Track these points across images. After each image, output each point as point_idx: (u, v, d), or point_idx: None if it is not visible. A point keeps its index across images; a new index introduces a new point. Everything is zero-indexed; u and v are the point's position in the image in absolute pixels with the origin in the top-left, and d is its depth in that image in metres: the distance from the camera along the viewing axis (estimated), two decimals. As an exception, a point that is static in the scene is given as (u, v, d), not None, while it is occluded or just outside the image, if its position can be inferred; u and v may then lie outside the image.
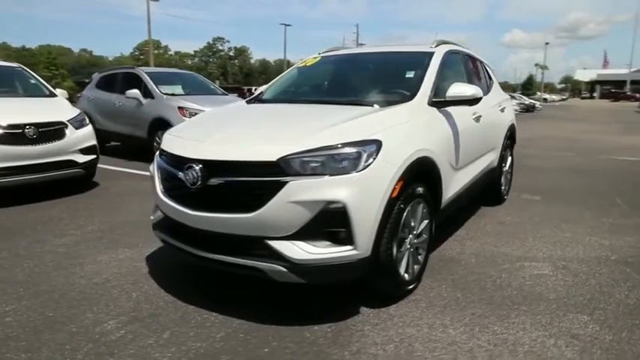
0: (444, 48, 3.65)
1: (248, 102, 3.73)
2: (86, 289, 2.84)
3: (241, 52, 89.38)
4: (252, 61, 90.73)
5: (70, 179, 5.34)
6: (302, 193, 2.21)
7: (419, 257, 2.83)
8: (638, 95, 48.95)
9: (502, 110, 4.73)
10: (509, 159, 5.10)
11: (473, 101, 3.13)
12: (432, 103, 3.08)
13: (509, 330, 2.38)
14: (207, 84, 8.78)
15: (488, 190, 4.54)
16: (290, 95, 3.79)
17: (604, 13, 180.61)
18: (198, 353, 2.16)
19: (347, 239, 2.26)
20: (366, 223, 2.28)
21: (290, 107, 3.37)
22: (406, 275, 2.67)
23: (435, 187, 2.92)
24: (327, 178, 2.23)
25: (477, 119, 3.77)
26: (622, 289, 2.86)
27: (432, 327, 2.40)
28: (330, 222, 2.24)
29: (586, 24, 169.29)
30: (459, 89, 3.09)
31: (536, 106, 33.01)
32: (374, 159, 2.32)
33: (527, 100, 32.71)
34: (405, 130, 2.68)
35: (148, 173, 3.07)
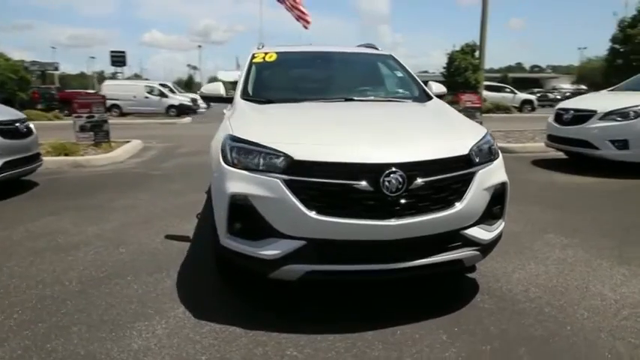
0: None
1: (259, 103, 3.13)
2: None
3: None
4: None
5: None
6: (487, 179, 2.47)
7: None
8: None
9: None
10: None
11: (443, 96, 3.89)
12: (431, 98, 3.65)
13: (564, 253, 3.39)
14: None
15: None
16: (306, 94, 3.41)
17: (227, 23, 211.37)
18: None
19: (499, 214, 2.65)
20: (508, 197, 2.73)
21: (346, 106, 3.23)
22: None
23: None
24: (494, 163, 2.56)
25: None
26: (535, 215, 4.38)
27: (535, 270, 3.12)
28: (496, 201, 2.58)
29: (215, 30, 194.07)
30: (438, 86, 3.78)
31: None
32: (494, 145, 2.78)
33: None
34: None
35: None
